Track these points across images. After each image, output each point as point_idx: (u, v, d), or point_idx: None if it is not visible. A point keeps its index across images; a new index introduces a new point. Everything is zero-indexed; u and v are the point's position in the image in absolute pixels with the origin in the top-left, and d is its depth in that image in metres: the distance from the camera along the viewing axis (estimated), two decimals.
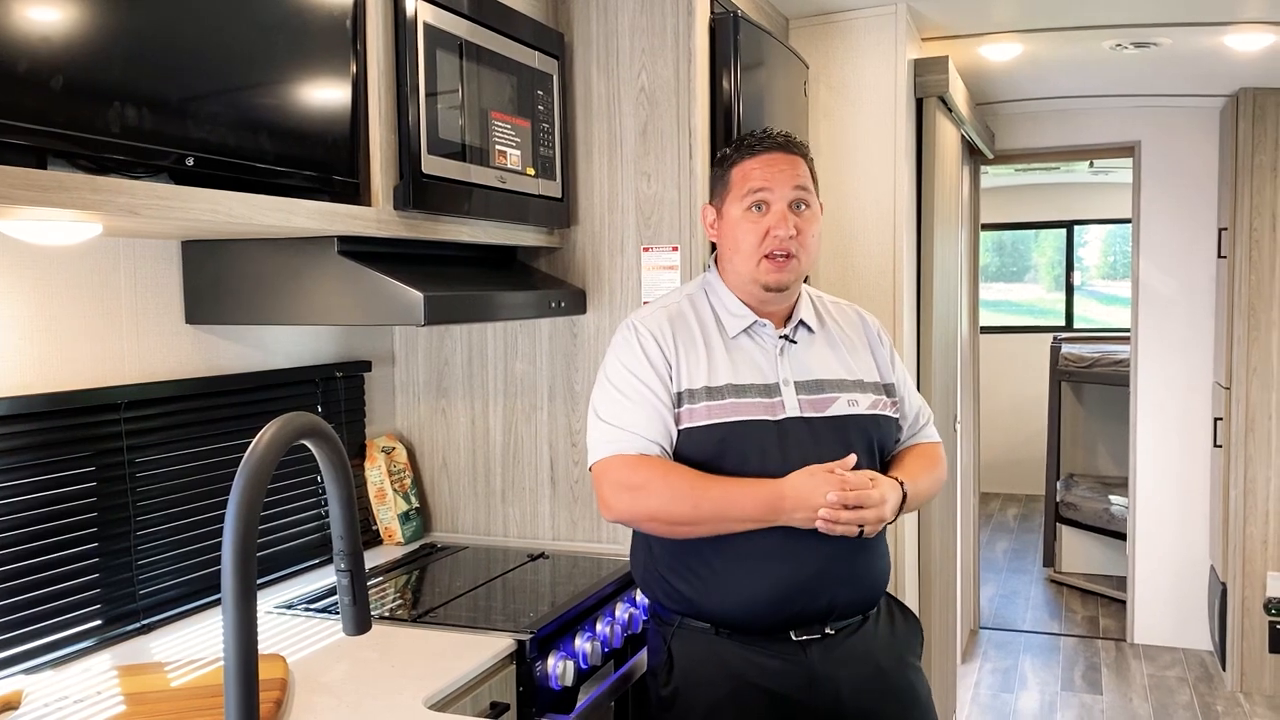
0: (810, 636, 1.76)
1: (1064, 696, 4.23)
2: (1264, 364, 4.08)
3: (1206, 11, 3.08)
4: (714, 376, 1.78)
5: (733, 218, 1.81)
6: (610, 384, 1.81)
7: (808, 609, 1.75)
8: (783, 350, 1.83)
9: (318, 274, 1.88)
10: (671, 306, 1.88)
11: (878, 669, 1.80)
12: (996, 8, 3.16)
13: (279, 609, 2.04)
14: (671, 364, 1.79)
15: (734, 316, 1.84)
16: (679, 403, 1.77)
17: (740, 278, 1.83)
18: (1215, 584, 4.40)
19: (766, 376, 1.80)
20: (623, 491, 1.74)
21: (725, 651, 1.76)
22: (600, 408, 1.81)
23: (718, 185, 1.86)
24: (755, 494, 1.68)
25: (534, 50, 2.22)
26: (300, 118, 1.66)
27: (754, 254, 1.78)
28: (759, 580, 1.74)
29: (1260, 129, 4.03)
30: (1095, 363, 5.89)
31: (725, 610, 1.76)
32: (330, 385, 2.42)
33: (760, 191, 1.78)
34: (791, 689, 1.74)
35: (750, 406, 1.76)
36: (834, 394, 1.82)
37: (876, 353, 1.93)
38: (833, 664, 1.76)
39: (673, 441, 1.77)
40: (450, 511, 2.66)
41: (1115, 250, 8.45)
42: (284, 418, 1.04)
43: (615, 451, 1.75)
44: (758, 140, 1.83)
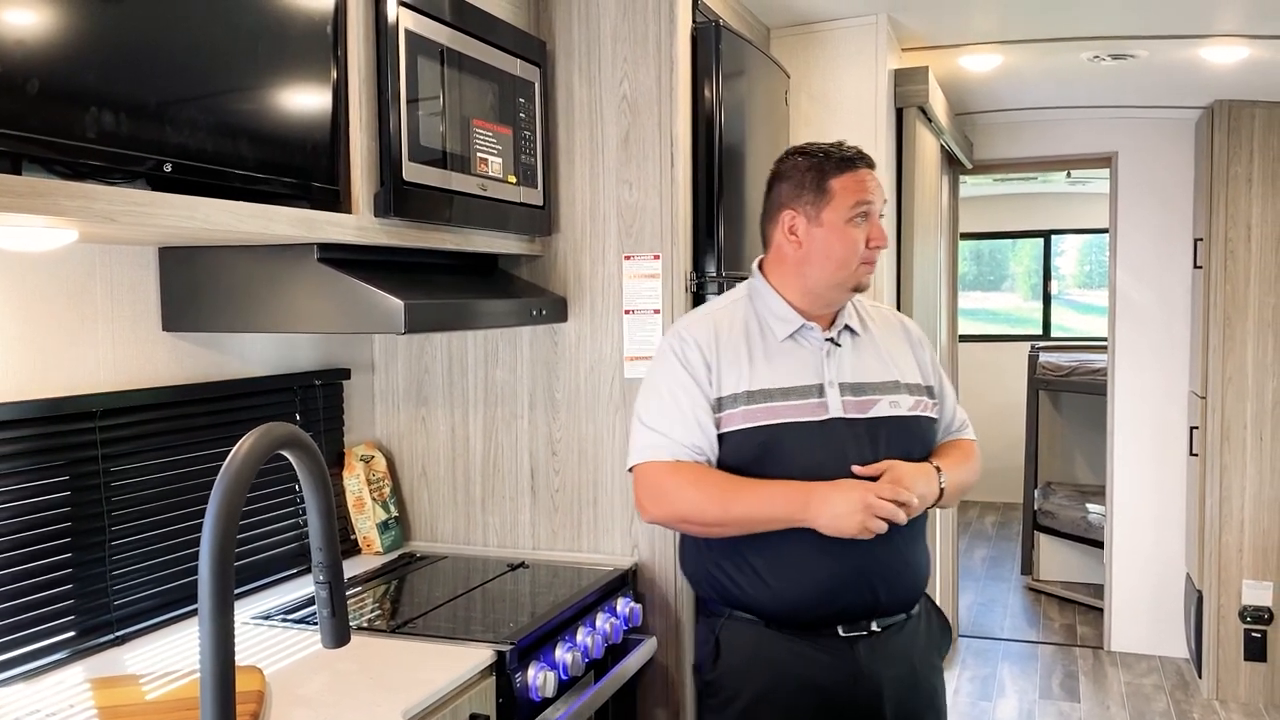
0: (857, 633, 1.82)
1: (1042, 704, 4.24)
2: (1239, 374, 4.12)
3: (1182, 24, 3.11)
4: (756, 380, 1.83)
5: (834, 225, 1.84)
6: (653, 390, 1.88)
7: (854, 603, 1.81)
8: (829, 353, 1.88)
9: (297, 282, 1.86)
10: (717, 314, 1.93)
11: (912, 668, 1.88)
12: (976, 19, 3.18)
13: (256, 620, 2.01)
14: (712, 369, 1.84)
15: (782, 321, 1.89)
16: (720, 407, 1.83)
17: (819, 282, 1.87)
18: (1191, 592, 4.43)
19: (813, 378, 1.85)
20: (657, 495, 1.82)
21: (772, 644, 1.82)
22: (642, 413, 1.88)
23: (806, 194, 1.86)
24: (783, 497, 1.75)
25: (516, 58, 2.22)
26: (280, 124, 1.65)
27: (854, 260, 1.84)
28: (807, 574, 1.79)
29: (1235, 140, 4.07)
30: (1072, 371, 5.93)
31: (774, 604, 1.82)
32: (309, 393, 2.40)
33: (866, 204, 1.84)
34: (835, 683, 1.81)
35: (794, 409, 1.82)
36: (876, 396, 1.87)
37: (917, 356, 1.99)
38: (877, 662, 1.82)
39: (713, 446, 1.83)
40: (429, 521, 2.65)
41: (1092, 260, 8.52)
42: (263, 427, 1.03)
43: (653, 457, 1.83)
44: (852, 155, 1.87)
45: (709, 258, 2.44)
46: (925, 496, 1.78)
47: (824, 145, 1.90)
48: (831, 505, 1.71)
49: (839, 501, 1.71)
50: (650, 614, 2.41)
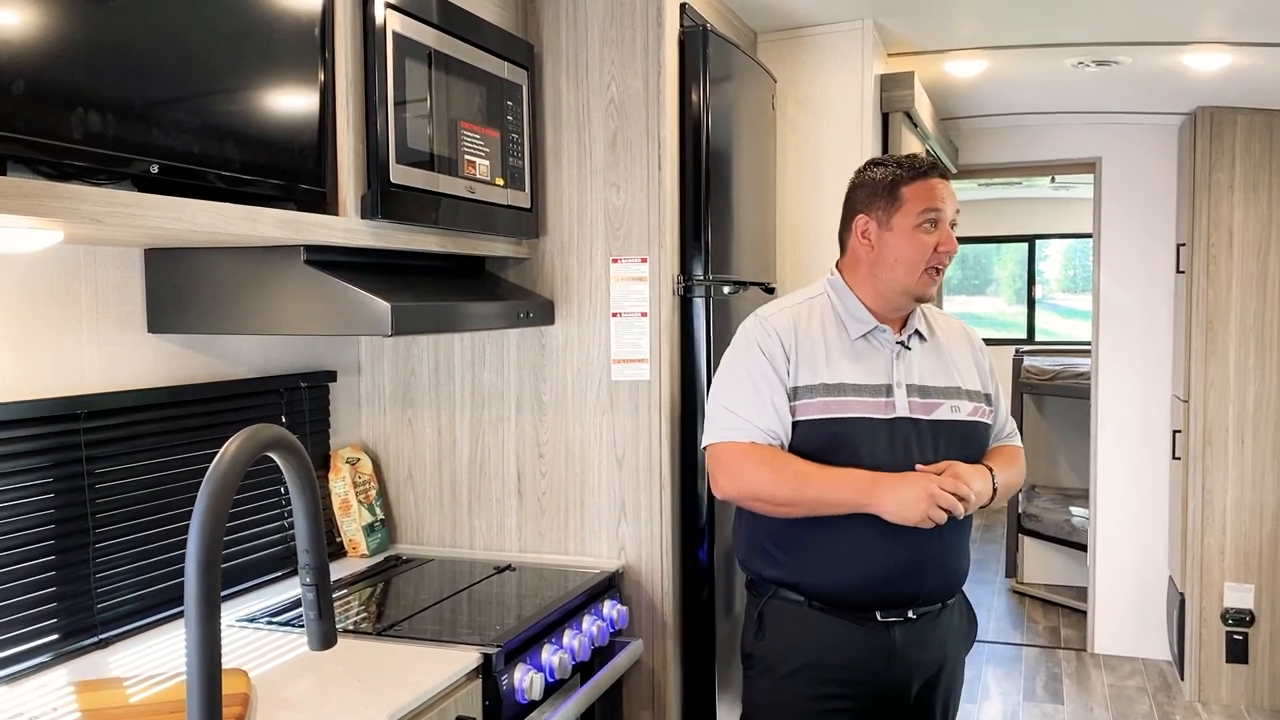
0: (894, 619, 1.90)
1: (1026, 707, 4.26)
2: (1221, 378, 4.15)
3: (1165, 31, 3.14)
4: (832, 374, 1.91)
5: (903, 231, 1.92)
6: (732, 374, 1.96)
7: (897, 592, 1.89)
8: (898, 355, 1.96)
9: (283, 283, 1.86)
10: (798, 307, 2.01)
11: (944, 656, 1.97)
12: (961, 24, 3.20)
13: (241, 622, 2.01)
14: (790, 360, 1.92)
15: (857, 321, 1.97)
16: (795, 396, 1.90)
17: (891, 288, 1.95)
18: (1174, 594, 4.46)
19: (882, 378, 1.93)
20: (733, 473, 1.90)
21: (814, 621, 1.91)
22: (720, 394, 1.96)
23: (879, 200, 1.94)
24: (853, 483, 1.83)
25: (503, 60, 2.22)
26: (267, 126, 1.65)
27: (919, 266, 1.92)
28: (854, 563, 1.87)
29: (1218, 147, 4.10)
30: (1057, 375, 5.96)
31: (820, 587, 1.90)
32: (294, 395, 2.40)
33: (935, 211, 1.91)
34: (871, 661, 1.89)
35: (864, 404, 1.89)
36: (940, 399, 1.95)
37: (979, 365, 2.07)
38: (912, 646, 1.91)
39: (787, 432, 1.90)
40: (416, 523, 2.64)
41: (1076, 264, 8.57)
42: (250, 429, 1.03)
43: (730, 438, 1.91)
44: (925, 166, 1.95)
45: (696, 261, 2.44)
46: (981, 494, 1.87)
47: (900, 157, 2.00)
48: (898, 493, 1.79)
49: (906, 490, 1.79)
50: (636, 617, 2.41)
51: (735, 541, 2.08)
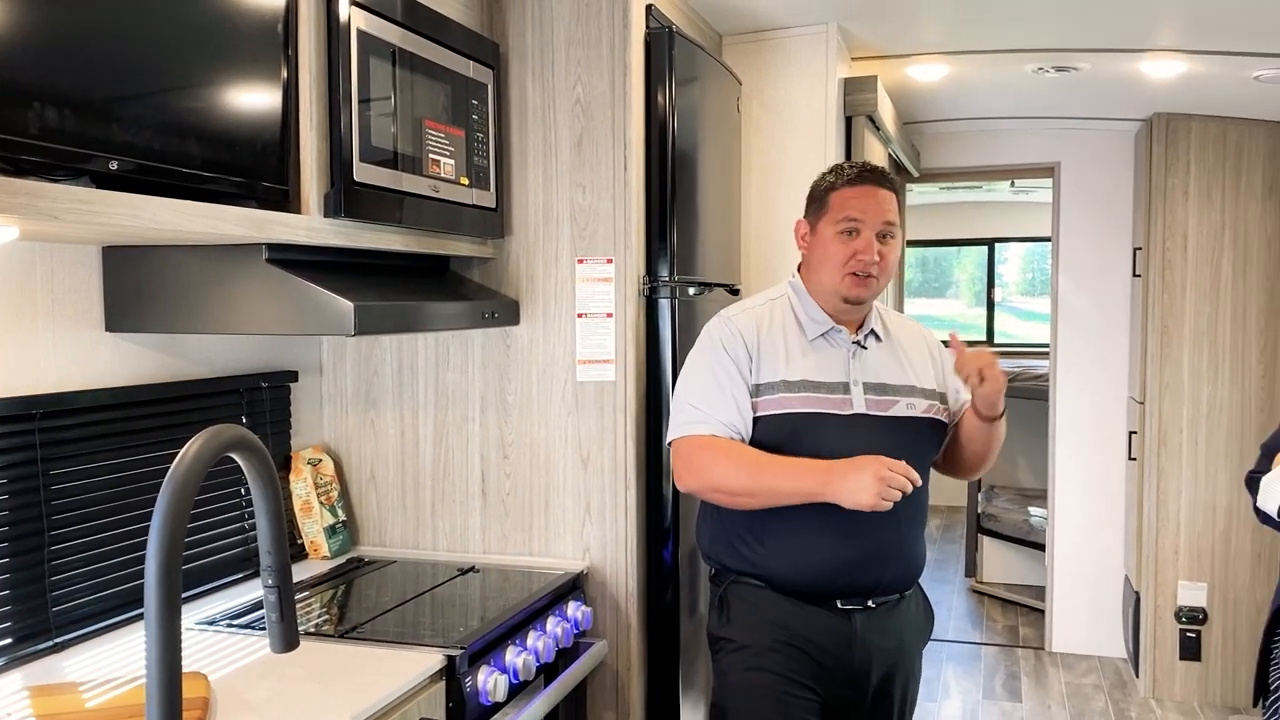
0: (853, 607, 1.96)
1: (985, 705, 4.31)
2: (1175, 380, 4.22)
3: (1123, 39, 3.19)
4: (792, 372, 1.97)
5: (825, 237, 2.00)
6: (695, 370, 2.02)
7: (857, 582, 1.96)
8: (855, 354, 2.03)
9: (245, 282, 1.84)
10: (760, 308, 2.07)
11: (901, 645, 2.03)
12: (924, 29, 3.23)
13: (200, 625, 1.98)
14: (753, 358, 1.98)
15: (814, 321, 2.03)
16: (757, 393, 1.96)
17: (823, 288, 2.02)
18: (1129, 593, 4.53)
19: (840, 375, 1.99)
20: (693, 466, 1.95)
21: (775, 604, 1.97)
22: (683, 391, 2.02)
23: (814, 205, 2.04)
24: (808, 470, 1.87)
25: (468, 59, 2.21)
26: (229, 123, 1.63)
27: (839, 270, 1.98)
28: (815, 555, 1.94)
29: (1173, 153, 4.17)
30: (1016, 377, 6.03)
31: (782, 576, 1.96)
32: (255, 395, 2.37)
33: (853, 221, 1.97)
34: (831, 644, 1.96)
35: (822, 401, 1.96)
36: (896, 397, 2.01)
37: (935, 365, 2.13)
38: (872, 632, 1.97)
39: (748, 427, 1.96)
40: (378, 525, 2.62)
41: (1034, 268, 8.68)
42: (212, 429, 1.01)
43: (692, 431, 1.96)
44: (859, 172, 2.00)
45: (662, 262, 2.45)
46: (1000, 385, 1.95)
47: (845, 163, 2.06)
48: (850, 480, 1.82)
49: (857, 476, 1.81)
50: (601, 618, 2.41)
51: (699, 535, 2.13)
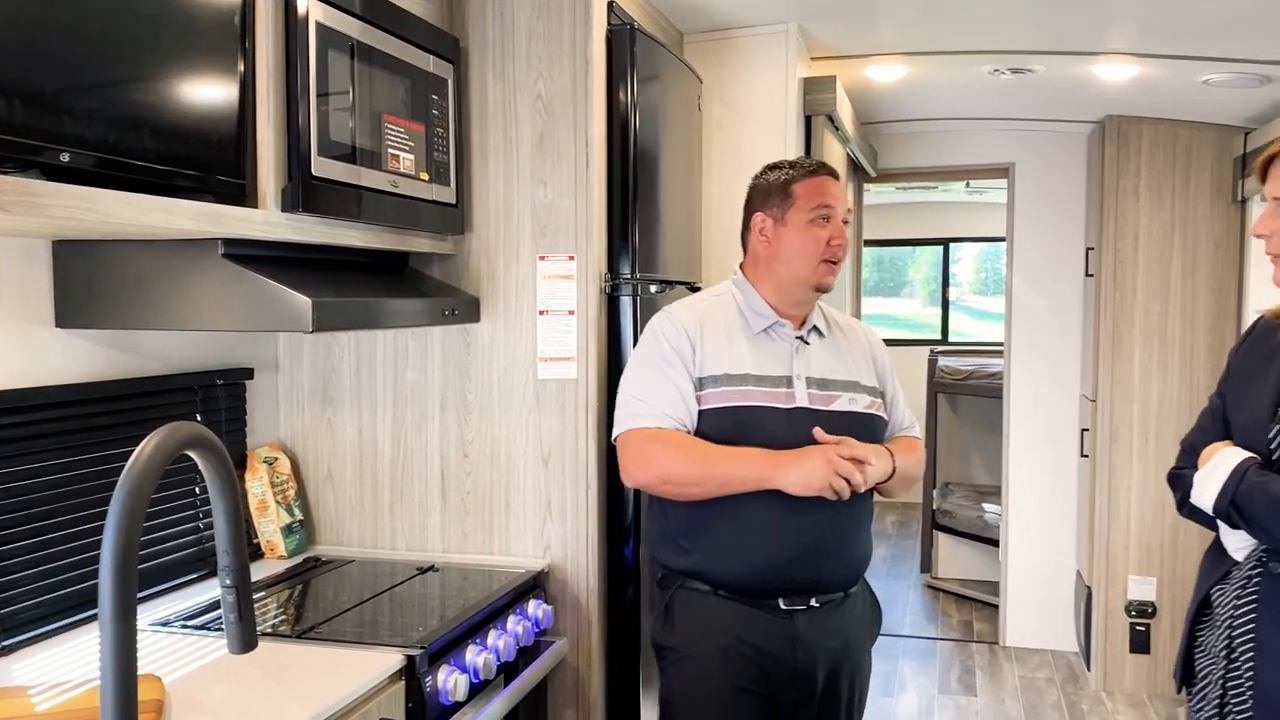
0: (796, 607, 1.97)
1: (940, 699, 4.36)
2: (1126, 378, 4.29)
3: (1077, 41, 3.24)
4: (735, 366, 1.99)
5: (798, 226, 2.02)
6: (640, 366, 2.03)
7: (800, 579, 1.96)
8: (798, 349, 2.04)
9: (200, 277, 1.81)
10: (703, 304, 2.09)
11: (847, 643, 2.04)
12: (883, 30, 3.25)
13: (154, 626, 1.95)
14: (696, 352, 1.99)
15: (759, 316, 2.05)
16: (701, 386, 1.98)
17: (789, 280, 2.04)
18: (1081, 588, 4.60)
19: (783, 370, 2.01)
20: (641, 458, 1.96)
21: (720, 609, 1.97)
22: (628, 385, 2.03)
23: (775, 199, 2.05)
24: (757, 458, 1.89)
25: (428, 54, 2.19)
26: (184, 115, 1.60)
27: (815, 258, 2.02)
28: (758, 546, 1.94)
29: (1125, 154, 4.24)
30: (970, 375, 6.10)
31: (725, 573, 1.96)
32: (210, 393, 2.33)
33: (826, 207, 2.02)
34: (776, 648, 1.96)
35: (765, 394, 1.97)
36: (837, 392, 2.04)
37: (874, 362, 2.16)
38: (814, 632, 1.98)
39: (693, 419, 1.97)
40: (336, 524, 2.59)
41: (987, 267, 8.79)
42: (169, 427, 0.99)
43: (638, 424, 1.97)
44: (813, 166, 2.07)
45: (624, 260, 2.44)
46: (879, 468, 1.95)
47: (791, 160, 2.12)
48: (799, 466, 1.86)
49: (806, 461, 1.86)
50: (562, 616, 2.40)
51: (648, 534, 2.15)
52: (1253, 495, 1.59)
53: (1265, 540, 1.61)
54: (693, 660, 1.98)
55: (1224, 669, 1.68)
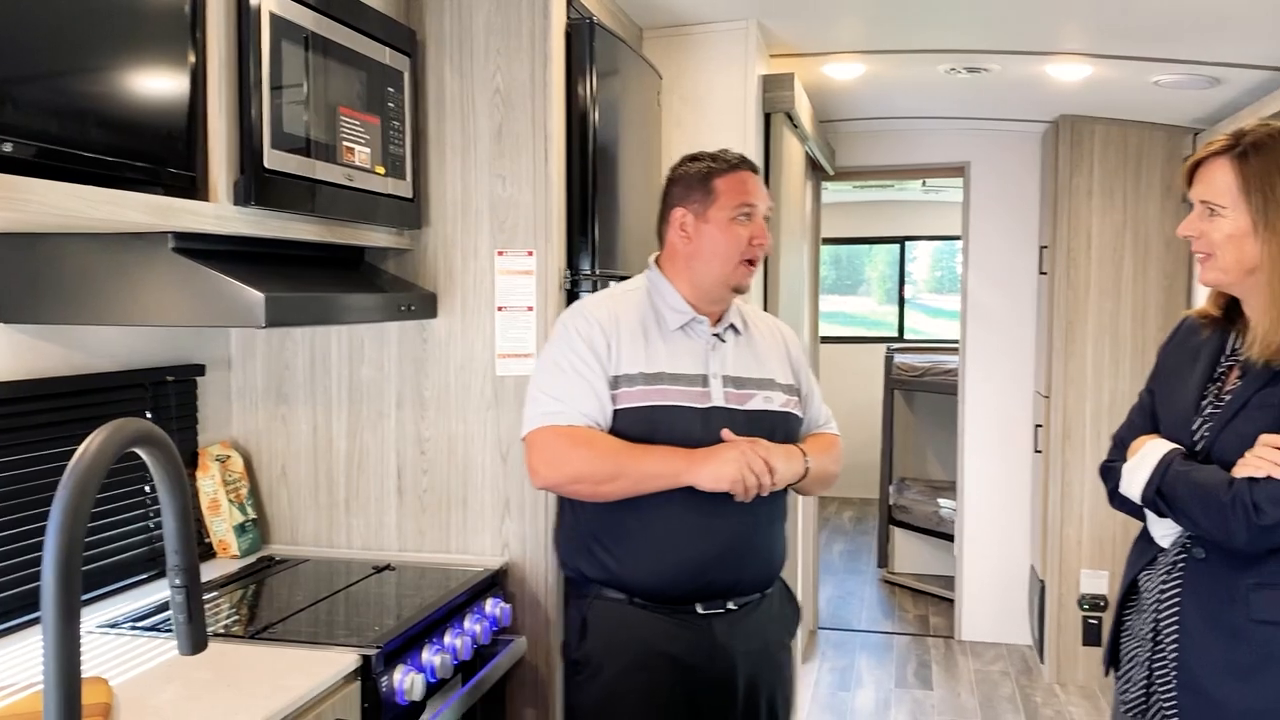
0: (714, 611, 1.94)
1: (897, 693, 4.39)
2: (1079, 374, 4.35)
3: (1031, 41, 3.27)
4: (650, 364, 1.95)
5: (719, 224, 1.98)
6: (552, 362, 1.97)
7: (715, 582, 1.94)
8: (714, 347, 2.01)
9: (149, 272, 1.77)
10: (617, 299, 2.04)
11: (765, 644, 2.02)
12: (841, 28, 3.27)
13: (102, 628, 1.90)
14: (611, 348, 1.94)
15: (675, 312, 2.01)
16: (615, 385, 1.93)
17: (708, 279, 1.99)
18: (1035, 582, 4.66)
19: (698, 368, 1.98)
20: (552, 458, 1.90)
21: (636, 620, 1.93)
22: (540, 382, 1.97)
23: (695, 194, 2.00)
24: (670, 454, 1.87)
25: (384, 46, 2.16)
26: (133, 106, 1.56)
27: (736, 258, 1.98)
28: (673, 553, 1.91)
29: (1078, 154, 4.30)
30: (926, 372, 6.16)
31: (640, 580, 1.93)
32: (160, 390, 2.29)
33: (749, 206, 1.98)
34: (694, 657, 1.92)
35: (680, 393, 1.94)
36: (754, 390, 2.01)
37: (790, 359, 2.14)
38: (732, 637, 1.95)
39: (607, 418, 1.92)
40: (290, 523, 2.55)
41: (943, 266, 8.88)
42: (115, 423, 0.97)
43: (549, 423, 1.91)
44: (736, 159, 2.02)
45: (584, 255, 2.43)
46: (790, 469, 1.93)
47: (710, 152, 2.05)
48: (711, 461, 1.84)
49: (717, 456, 1.84)
50: (520, 614, 2.38)
51: (557, 541, 2.10)
52: (1177, 484, 1.65)
53: (1189, 526, 1.66)
54: (605, 675, 1.93)
55: (1150, 651, 1.73)
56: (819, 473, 2.02)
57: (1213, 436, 1.68)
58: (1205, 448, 1.68)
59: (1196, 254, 1.74)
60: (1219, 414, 1.69)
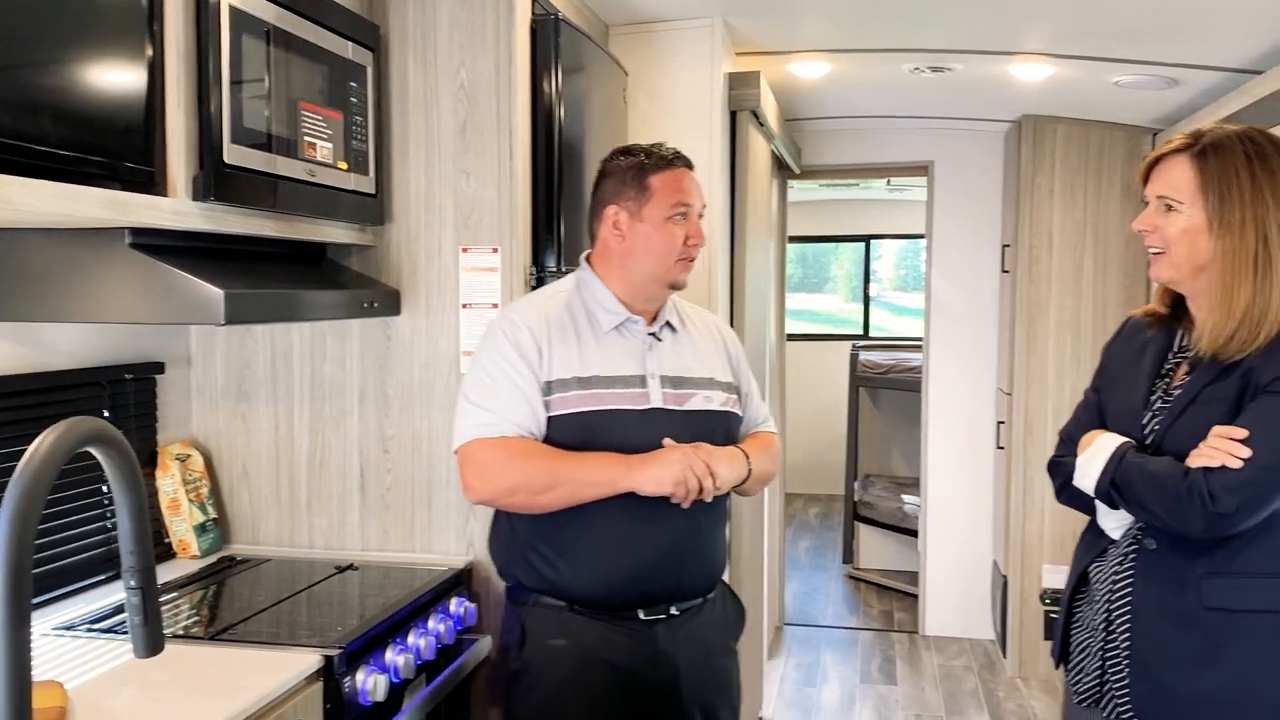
0: (657, 616, 1.91)
1: (862, 689, 4.42)
2: (1040, 372, 4.40)
3: (994, 41, 3.30)
4: (585, 367, 1.89)
5: (655, 222, 1.92)
6: (482, 371, 1.90)
7: (657, 588, 1.90)
8: (651, 347, 1.96)
9: (106, 268, 1.74)
10: (546, 300, 1.98)
11: (708, 650, 1.98)
12: (806, 27, 3.28)
13: (57, 631, 1.87)
14: (543, 353, 1.89)
15: (609, 313, 1.95)
16: (549, 391, 1.87)
17: (643, 277, 1.95)
18: (997, 577, 4.71)
19: (635, 369, 1.93)
20: (485, 471, 1.84)
21: (576, 628, 1.88)
22: (470, 392, 1.90)
23: (629, 191, 1.94)
24: (609, 460, 1.83)
25: (347, 40, 2.14)
26: (89, 100, 1.54)
27: (672, 256, 1.93)
28: (614, 558, 1.87)
29: (1040, 153, 4.34)
30: (890, 369, 6.21)
31: (581, 588, 1.88)
32: (119, 388, 2.25)
33: (686, 205, 1.94)
34: (636, 665, 1.88)
35: (618, 396, 1.89)
36: (693, 390, 1.96)
37: (728, 356, 2.09)
38: (674, 643, 1.92)
39: (541, 427, 1.87)
40: (251, 522, 2.52)
41: (907, 264, 8.95)
42: (67, 422, 0.95)
43: (481, 435, 1.85)
44: (670, 156, 1.96)
45: (549, 252, 2.42)
46: (732, 473, 1.90)
47: (644, 146, 2.00)
48: (650, 465, 1.81)
49: (656, 460, 1.81)
50: (485, 613, 2.37)
51: (492, 549, 2.04)
52: (1131, 475, 1.67)
53: (1142, 516, 1.69)
54: (543, 686, 1.88)
55: (1102, 641, 1.76)
56: (760, 473, 1.99)
57: (1163, 430, 1.71)
58: (1155, 441, 1.72)
59: (1149, 249, 1.76)
60: (1168, 408, 1.72)
